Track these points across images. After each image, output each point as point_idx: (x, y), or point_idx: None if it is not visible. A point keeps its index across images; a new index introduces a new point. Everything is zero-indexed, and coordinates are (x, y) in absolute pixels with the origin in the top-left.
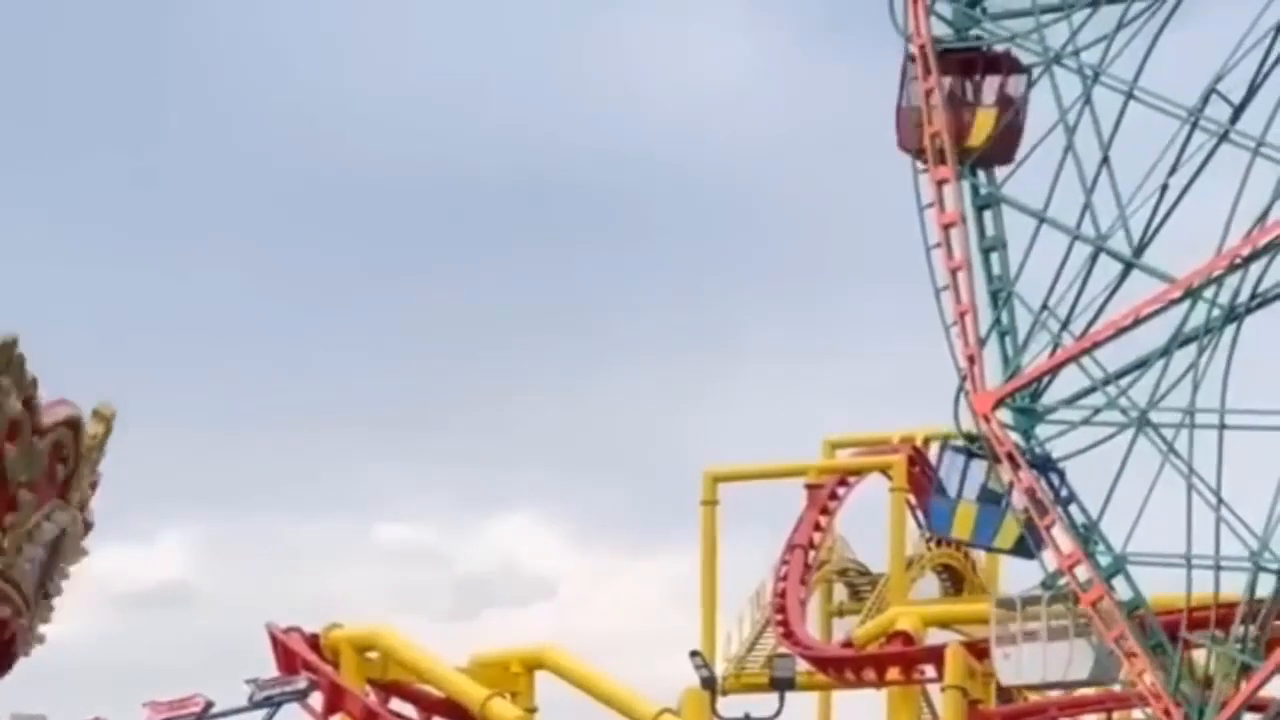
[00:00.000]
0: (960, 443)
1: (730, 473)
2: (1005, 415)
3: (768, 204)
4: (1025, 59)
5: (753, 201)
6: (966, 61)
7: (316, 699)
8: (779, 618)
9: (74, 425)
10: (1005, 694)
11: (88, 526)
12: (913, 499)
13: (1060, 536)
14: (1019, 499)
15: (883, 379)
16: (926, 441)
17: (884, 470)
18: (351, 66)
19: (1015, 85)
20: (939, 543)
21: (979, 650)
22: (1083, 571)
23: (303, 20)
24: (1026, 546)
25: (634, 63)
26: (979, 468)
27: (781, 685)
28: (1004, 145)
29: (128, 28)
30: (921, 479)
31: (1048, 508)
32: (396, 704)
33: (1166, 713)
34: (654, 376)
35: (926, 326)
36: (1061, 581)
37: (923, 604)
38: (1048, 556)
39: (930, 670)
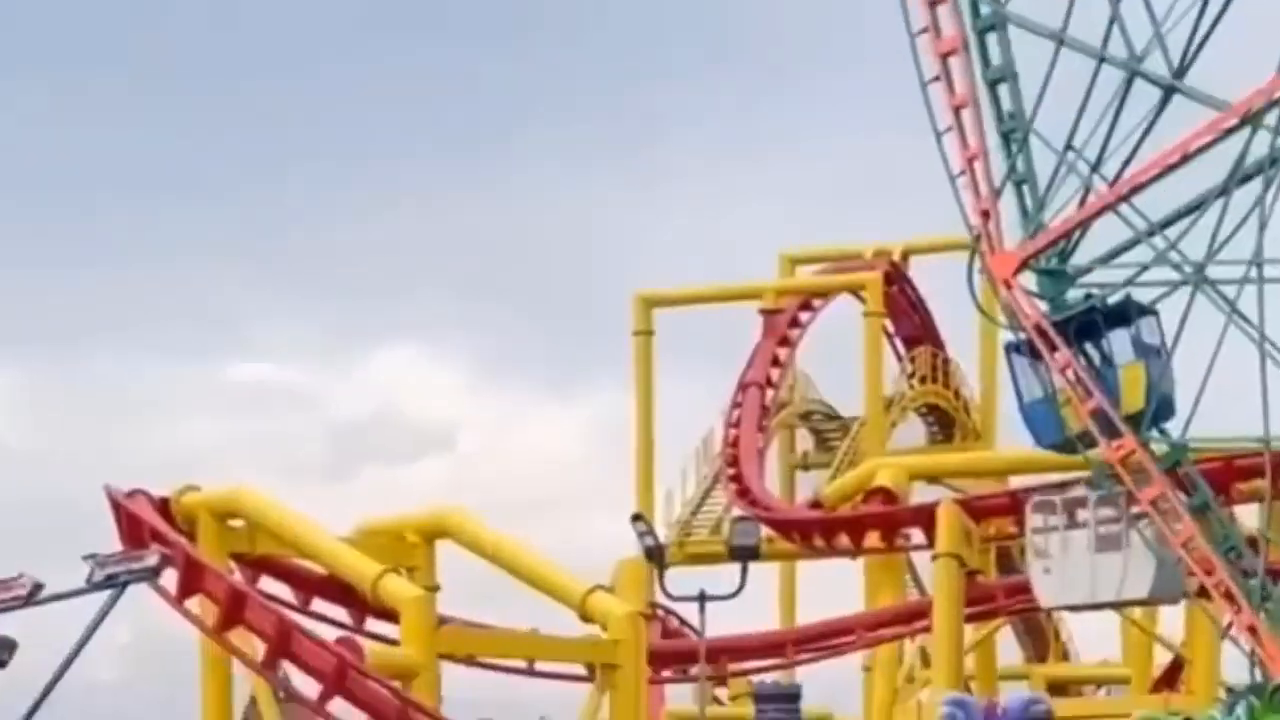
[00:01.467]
0: (1018, 338)
1: (668, 296)
2: (1030, 280)
3: None
4: None
5: None
6: None
7: (170, 578)
8: (731, 472)
9: None
10: (1008, 563)
11: None
12: (890, 326)
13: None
14: (1059, 380)
15: (850, 180)
16: (906, 256)
17: (855, 291)
18: None
19: None
20: (923, 379)
21: (976, 509)
22: (1138, 464)
23: None
24: (1160, 411)
25: None
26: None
27: (743, 555)
28: None
29: None
30: (900, 300)
31: (1090, 389)
32: (268, 583)
33: (1251, 630)
34: (573, 183)
35: (904, 114)
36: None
37: (905, 454)
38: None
39: (917, 535)
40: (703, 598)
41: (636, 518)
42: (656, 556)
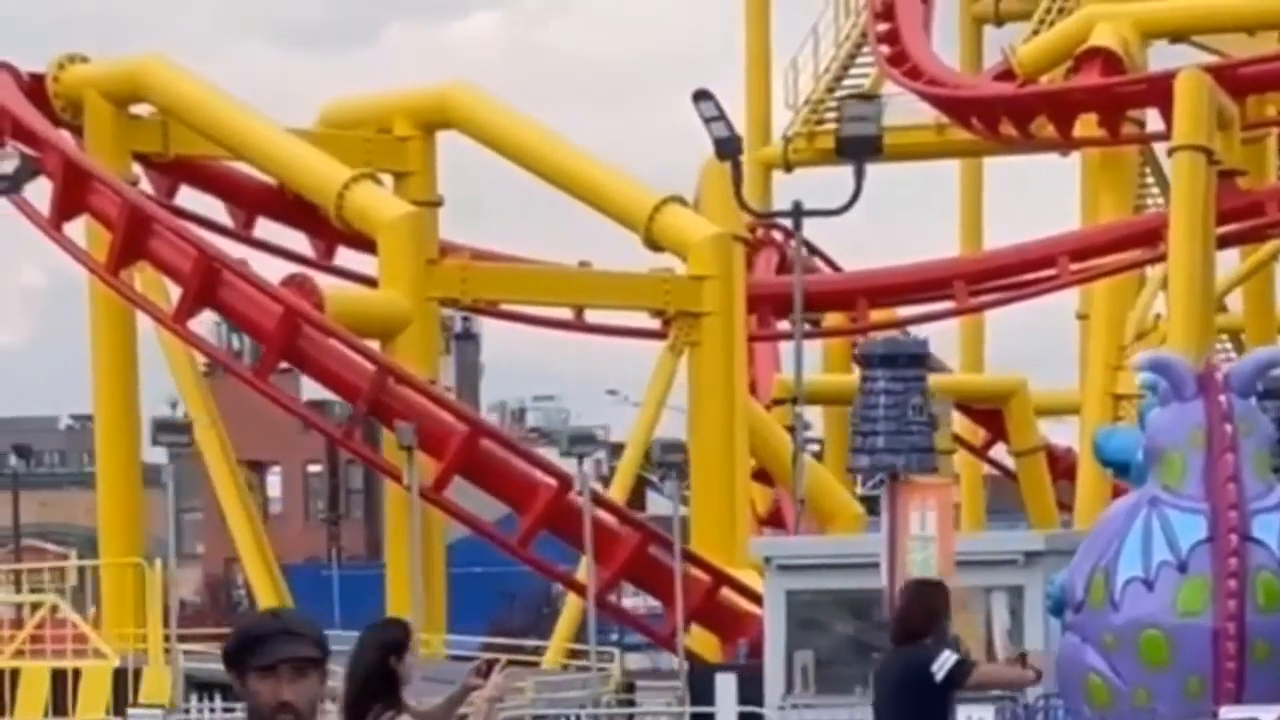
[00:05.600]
0: None
1: None
2: None
3: None
4: None
5: None
6: None
7: (41, 188)
8: (883, 28)
9: None
10: None
11: None
12: None
13: None
14: None
15: None
16: None
17: None
18: None
19: None
20: None
21: (1237, 80)
22: None
23: None
24: None
25: None
26: None
27: (854, 149)
28: None
29: None
30: None
31: None
32: (189, 195)
33: None
34: None
35: None
36: None
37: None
38: None
39: (1155, 119)
40: (799, 212)
41: (701, 96)
42: (729, 153)
